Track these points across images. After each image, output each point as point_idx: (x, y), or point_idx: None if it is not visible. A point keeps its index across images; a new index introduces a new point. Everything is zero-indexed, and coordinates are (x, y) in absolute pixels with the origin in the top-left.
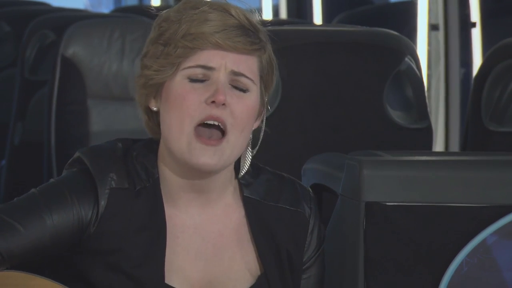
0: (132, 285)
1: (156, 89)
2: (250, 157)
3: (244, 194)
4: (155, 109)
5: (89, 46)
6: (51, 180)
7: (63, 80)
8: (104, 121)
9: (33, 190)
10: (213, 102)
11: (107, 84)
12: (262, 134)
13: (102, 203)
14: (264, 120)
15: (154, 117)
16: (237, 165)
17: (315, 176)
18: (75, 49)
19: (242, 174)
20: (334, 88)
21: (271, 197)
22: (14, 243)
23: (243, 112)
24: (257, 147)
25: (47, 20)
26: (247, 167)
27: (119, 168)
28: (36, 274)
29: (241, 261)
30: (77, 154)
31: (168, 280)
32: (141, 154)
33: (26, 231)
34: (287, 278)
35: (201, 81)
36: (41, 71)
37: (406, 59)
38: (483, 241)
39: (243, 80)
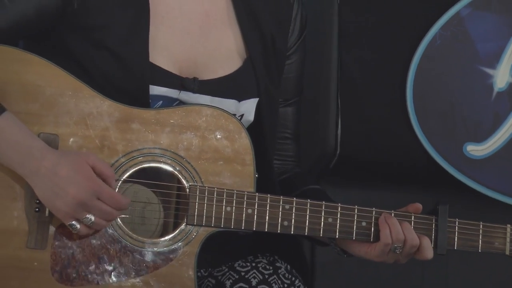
0: (115, 63)
1: None
2: None
3: None
4: None
5: None
6: None
7: None
8: None
9: None
10: None
11: None
12: None
13: None
14: None
15: None
16: None
17: None
18: None
19: None
20: None
21: None
22: (0, 17)
23: None
24: None
25: None
26: None
27: None
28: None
29: (227, 44)
30: None
31: (152, 59)
32: None
33: (11, 4)
34: (271, 63)
35: None
36: None
37: None
38: (457, 14)
39: None
